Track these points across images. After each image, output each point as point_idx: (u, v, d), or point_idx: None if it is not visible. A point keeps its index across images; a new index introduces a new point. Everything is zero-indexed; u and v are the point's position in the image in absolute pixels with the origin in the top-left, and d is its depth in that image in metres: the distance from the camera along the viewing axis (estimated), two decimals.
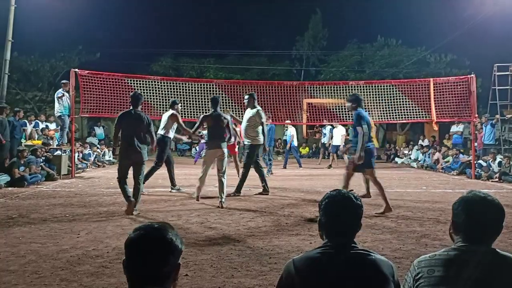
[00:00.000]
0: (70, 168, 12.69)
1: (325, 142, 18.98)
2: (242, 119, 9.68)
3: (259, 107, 9.37)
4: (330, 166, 16.51)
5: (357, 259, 1.96)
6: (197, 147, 19.55)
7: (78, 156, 14.70)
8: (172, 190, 9.62)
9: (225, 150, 8.19)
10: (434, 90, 13.57)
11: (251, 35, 31.87)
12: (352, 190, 1.93)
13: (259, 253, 4.88)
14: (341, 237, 2.03)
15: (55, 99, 13.08)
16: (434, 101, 13.48)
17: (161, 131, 9.39)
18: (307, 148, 23.98)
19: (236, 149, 12.00)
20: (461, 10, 24.92)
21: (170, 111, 9.51)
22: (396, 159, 20.04)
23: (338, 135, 16.54)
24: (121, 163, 7.42)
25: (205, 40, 31.67)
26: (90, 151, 16.52)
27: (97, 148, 17.55)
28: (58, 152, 12.81)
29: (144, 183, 7.76)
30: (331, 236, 2.05)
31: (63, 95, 12.84)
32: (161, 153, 9.30)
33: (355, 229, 2.07)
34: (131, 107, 7.30)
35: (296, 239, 5.49)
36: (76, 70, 12.86)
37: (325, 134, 18.98)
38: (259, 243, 5.27)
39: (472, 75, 13.22)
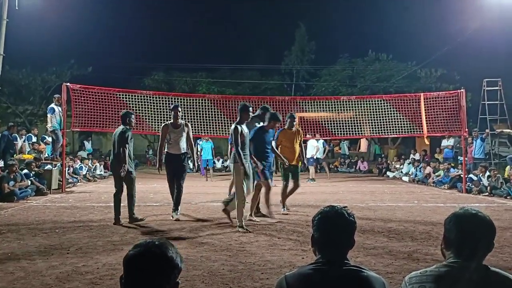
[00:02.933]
0: (61, 183, 12.58)
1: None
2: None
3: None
4: (312, 179, 16.36)
5: (349, 276, 1.95)
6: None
7: (69, 170, 14.60)
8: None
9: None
10: (425, 104, 13.70)
11: (242, 50, 32.17)
12: (346, 206, 1.94)
13: (251, 268, 4.85)
14: (333, 253, 2.02)
15: (48, 114, 12.98)
16: (425, 115, 13.61)
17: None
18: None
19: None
20: (451, 25, 25.34)
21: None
22: (388, 173, 20.11)
23: (310, 147, 16.55)
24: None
25: (197, 54, 31.87)
26: (81, 165, 16.43)
27: (89, 162, 17.45)
28: (49, 166, 12.71)
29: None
30: (323, 252, 2.04)
31: (54, 110, 12.77)
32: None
33: (348, 245, 2.06)
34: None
35: (288, 254, 5.46)
36: (68, 84, 12.82)
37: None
38: (251, 258, 5.23)
39: (462, 90, 13.37)
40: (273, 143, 8.26)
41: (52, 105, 12.95)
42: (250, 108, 7.21)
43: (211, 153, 17.54)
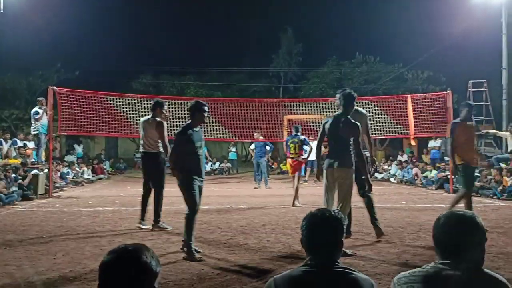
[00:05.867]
0: (48, 187, 12.45)
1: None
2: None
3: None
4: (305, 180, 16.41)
5: (338, 278, 1.96)
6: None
7: (56, 175, 14.45)
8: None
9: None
10: (412, 106, 13.81)
11: (230, 53, 32.20)
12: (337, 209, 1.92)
13: (240, 271, 4.83)
14: (322, 255, 2.02)
15: (32, 118, 12.83)
16: (413, 117, 13.71)
17: None
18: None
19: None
20: (437, 27, 25.63)
21: None
22: (376, 174, 20.20)
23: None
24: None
25: (185, 57, 31.76)
26: (68, 170, 16.28)
27: (76, 166, 17.31)
28: (35, 171, 12.56)
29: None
30: (312, 254, 2.05)
31: (41, 114, 12.62)
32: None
33: (336, 247, 2.06)
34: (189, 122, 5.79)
35: (277, 257, 5.46)
36: (54, 88, 12.69)
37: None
38: (240, 262, 5.22)
39: (448, 92, 13.51)
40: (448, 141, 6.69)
41: (36, 108, 12.79)
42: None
43: (205, 156, 17.48)
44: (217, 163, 23.63)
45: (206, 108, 5.69)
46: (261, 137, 14.55)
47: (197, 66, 29.27)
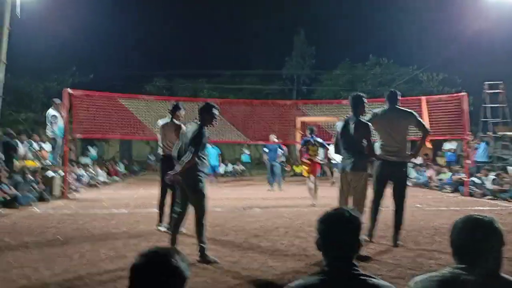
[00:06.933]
0: (63, 190, 12.59)
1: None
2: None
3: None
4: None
5: (357, 285, 1.89)
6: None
7: (71, 176, 14.61)
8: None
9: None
10: (427, 108, 13.67)
11: (243, 56, 32.23)
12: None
13: (253, 274, 4.83)
14: (338, 257, 1.95)
15: (47, 120, 12.94)
16: (428, 119, 13.56)
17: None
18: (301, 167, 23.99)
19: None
20: (452, 29, 25.32)
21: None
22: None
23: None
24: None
25: (198, 60, 31.86)
26: (83, 172, 16.44)
27: (90, 168, 17.48)
28: (51, 173, 12.72)
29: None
30: (328, 256, 1.99)
31: (57, 117, 12.74)
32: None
33: (352, 249, 1.98)
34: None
35: (291, 260, 5.44)
36: (70, 90, 12.79)
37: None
38: (253, 265, 5.21)
39: (464, 94, 13.37)
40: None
41: (54, 112, 12.86)
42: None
43: (217, 159, 17.52)
44: (230, 165, 23.66)
45: (215, 111, 5.64)
46: (276, 140, 14.57)
47: (210, 68, 29.39)
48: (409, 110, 6.65)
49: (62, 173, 12.78)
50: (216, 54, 32.83)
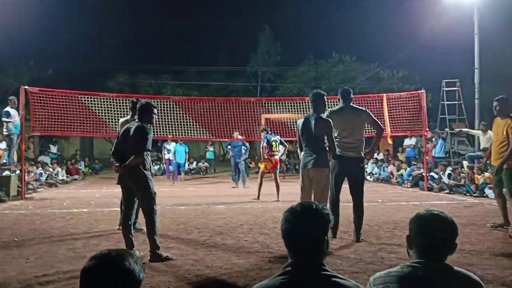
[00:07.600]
0: (20, 189, 12.15)
1: None
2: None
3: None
4: None
5: (322, 286, 1.80)
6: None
7: (29, 175, 14.13)
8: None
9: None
10: (387, 105, 13.96)
11: (207, 52, 32.06)
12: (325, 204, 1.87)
13: (218, 272, 4.80)
14: (304, 254, 1.84)
15: (2, 117, 12.47)
16: (388, 116, 13.87)
17: None
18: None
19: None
20: (412, 27, 26.02)
21: None
22: None
23: None
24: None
25: (162, 56, 31.46)
26: (41, 171, 15.93)
27: (49, 167, 16.96)
28: (7, 172, 12.25)
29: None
30: (293, 253, 1.87)
31: (12, 114, 12.27)
32: None
33: (320, 244, 1.86)
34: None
35: (255, 257, 5.44)
36: (26, 87, 12.37)
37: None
38: (217, 262, 5.18)
39: (422, 91, 13.72)
40: None
41: (8, 108, 12.43)
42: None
43: (185, 157, 17.24)
44: (194, 163, 23.50)
45: (155, 110, 5.66)
46: (240, 137, 14.56)
47: (174, 65, 29.06)
48: (363, 108, 6.86)
49: (19, 172, 12.34)
50: (180, 51, 32.54)
